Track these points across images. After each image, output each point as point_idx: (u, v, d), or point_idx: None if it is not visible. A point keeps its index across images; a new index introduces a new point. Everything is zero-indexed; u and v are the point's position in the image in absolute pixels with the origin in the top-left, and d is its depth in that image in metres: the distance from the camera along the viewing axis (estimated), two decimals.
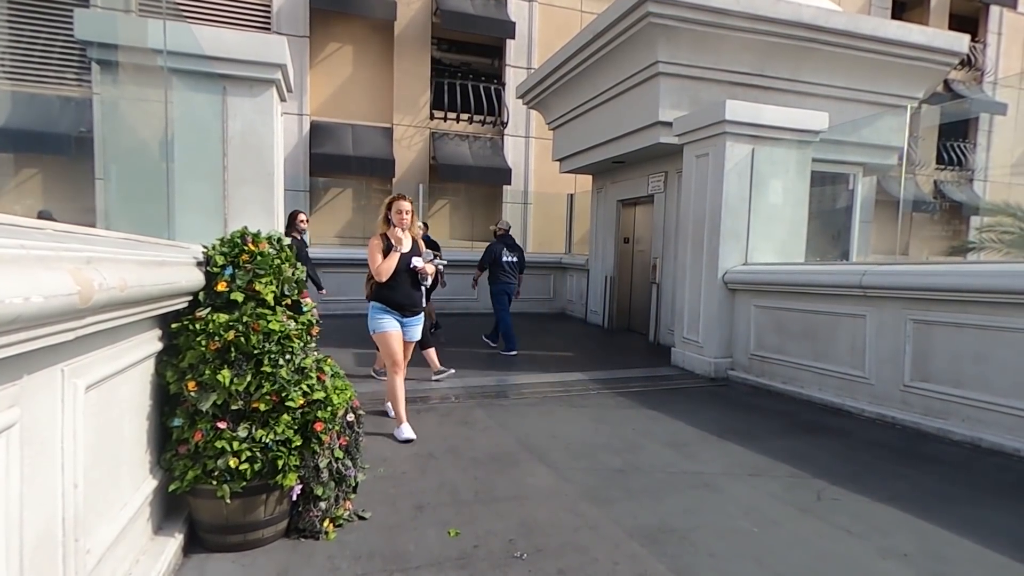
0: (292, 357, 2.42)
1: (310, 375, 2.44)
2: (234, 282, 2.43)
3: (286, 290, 2.55)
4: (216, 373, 2.25)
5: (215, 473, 2.23)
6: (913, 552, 2.50)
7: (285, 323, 2.43)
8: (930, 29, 8.11)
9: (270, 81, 4.20)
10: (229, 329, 2.30)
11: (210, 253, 2.52)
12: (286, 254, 2.62)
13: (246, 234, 2.55)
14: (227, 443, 2.23)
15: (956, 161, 17.17)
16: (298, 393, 2.37)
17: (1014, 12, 17.88)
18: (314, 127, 12.83)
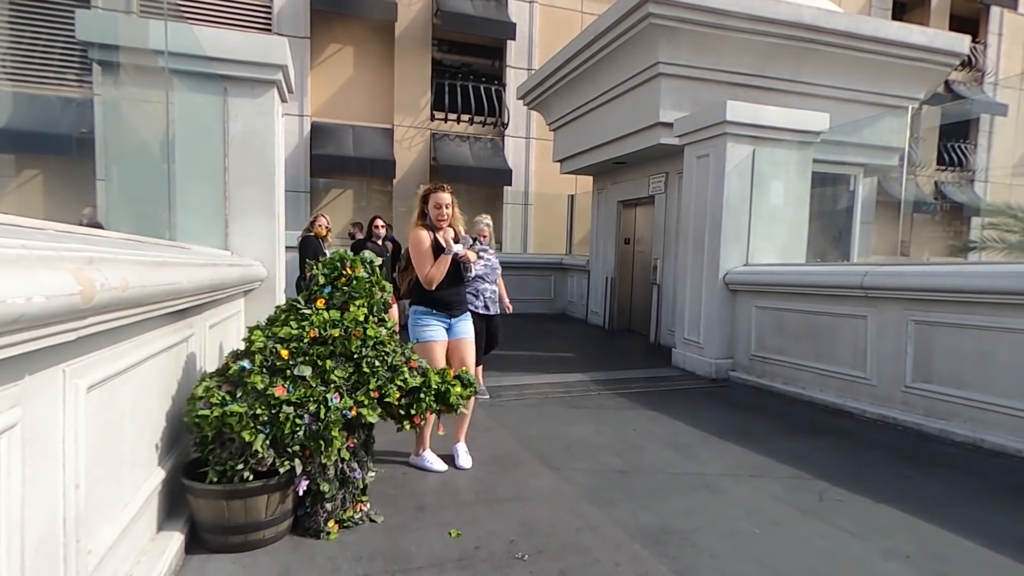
0: (386, 358, 2.69)
1: (402, 370, 2.70)
2: (331, 300, 2.74)
3: (374, 311, 2.83)
4: (317, 359, 2.52)
5: (262, 418, 2.32)
6: (915, 553, 2.50)
7: (378, 330, 2.73)
8: (931, 30, 8.12)
9: (271, 82, 4.20)
10: (335, 327, 2.60)
11: (314, 272, 2.82)
12: (377, 277, 2.88)
13: (345, 258, 2.82)
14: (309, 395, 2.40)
15: (957, 162, 17.16)
16: (393, 388, 2.63)
17: (1014, 13, 17.88)
18: (315, 128, 12.84)
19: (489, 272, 4.72)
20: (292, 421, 2.34)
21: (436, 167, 13.37)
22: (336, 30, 13.05)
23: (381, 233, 6.25)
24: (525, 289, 11.33)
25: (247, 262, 3.79)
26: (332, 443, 2.43)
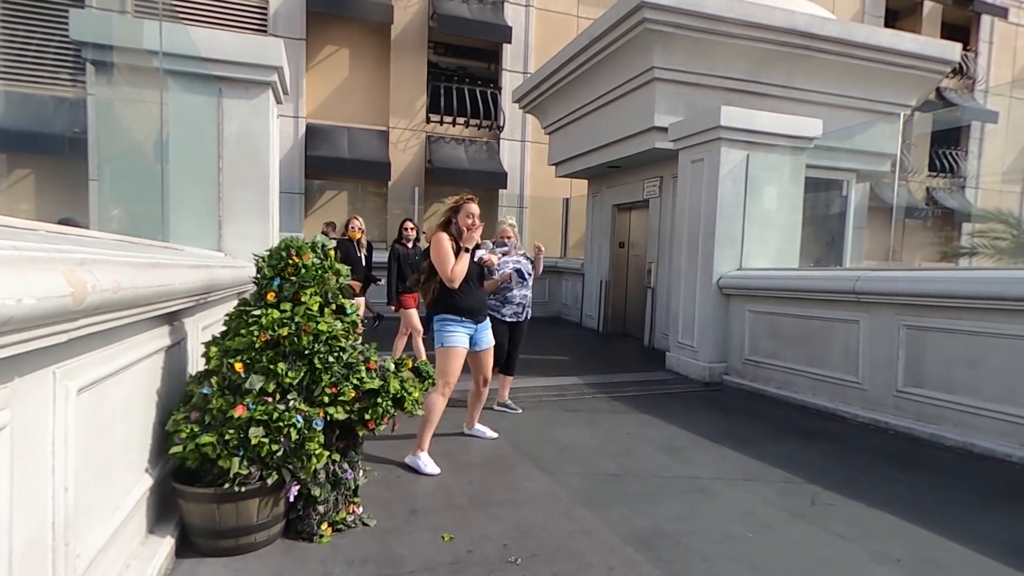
0: (340, 355, 2.55)
1: (358, 369, 2.56)
2: (281, 293, 2.57)
3: (330, 298, 2.68)
4: (271, 363, 2.41)
5: (232, 444, 2.26)
6: (906, 557, 2.51)
7: (332, 323, 2.57)
8: (922, 38, 8.20)
9: (266, 83, 4.20)
10: (283, 326, 2.45)
11: (259, 264, 2.66)
12: (330, 262, 2.73)
13: (291, 246, 2.65)
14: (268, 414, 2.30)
15: (948, 168, 17.32)
16: (348, 387, 2.51)
17: (1005, 22, 18.10)
18: (310, 129, 12.82)
19: (520, 277, 4.58)
20: (268, 446, 2.27)
21: (431, 169, 13.37)
22: (332, 32, 13.04)
23: (411, 235, 6.20)
24: None
25: (240, 263, 3.78)
26: (312, 458, 2.38)
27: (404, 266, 6.00)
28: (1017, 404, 3.71)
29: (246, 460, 2.27)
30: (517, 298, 4.57)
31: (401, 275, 5.93)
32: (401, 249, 6.14)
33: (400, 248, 6.14)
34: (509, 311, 4.56)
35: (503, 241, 4.60)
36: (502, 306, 4.56)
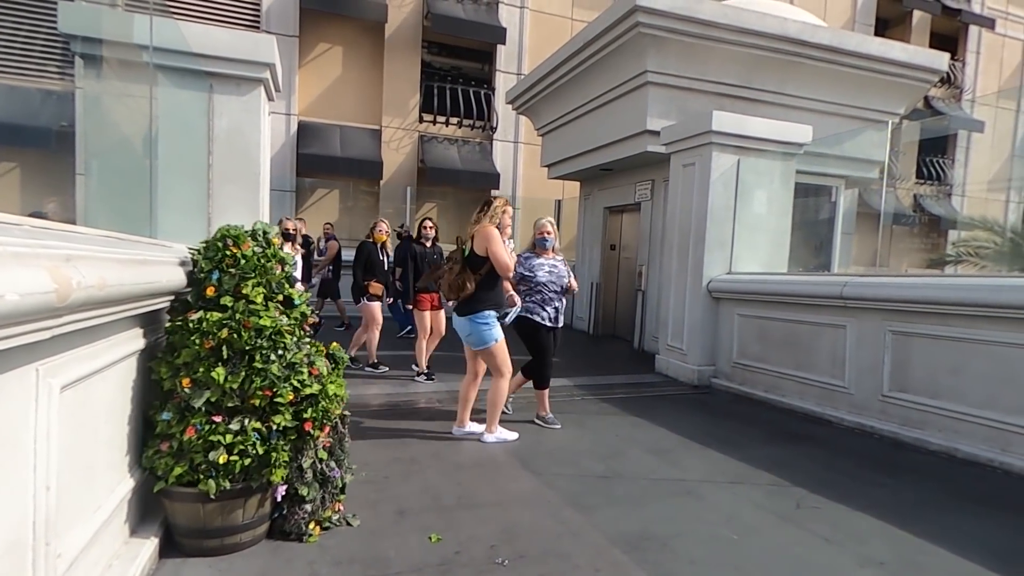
0: (284, 352, 2.40)
1: (300, 370, 2.42)
2: (221, 287, 2.40)
3: (275, 288, 2.53)
4: (210, 370, 2.24)
5: (202, 468, 2.20)
6: (889, 560, 2.53)
7: (277, 318, 2.41)
8: (911, 47, 8.31)
9: (258, 80, 4.17)
10: (223, 327, 2.29)
11: (196, 258, 2.49)
12: (272, 250, 2.56)
13: (228, 236, 2.49)
14: (220, 436, 2.21)
15: (935, 176, 17.55)
16: (287, 389, 2.35)
17: (992, 32, 18.37)
18: (302, 127, 12.75)
19: (556, 279, 4.39)
20: (239, 462, 2.22)
21: (424, 169, 13.35)
22: (325, 29, 12.98)
23: (431, 234, 6.16)
24: None
25: None
26: (280, 468, 2.33)
27: (421, 265, 5.95)
28: (999, 410, 3.76)
29: (223, 478, 2.22)
30: (557, 299, 4.38)
31: (418, 274, 5.91)
32: (418, 248, 6.07)
33: (418, 247, 6.06)
34: (549, 313, 4.35)
35: (544, 238, 4.46)
36: (540, 308, 4.34)
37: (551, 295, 4.36)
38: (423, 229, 6.15)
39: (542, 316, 4.34)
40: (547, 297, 4.34)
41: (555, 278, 4.40)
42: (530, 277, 4.36)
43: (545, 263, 4.40)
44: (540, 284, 4.35)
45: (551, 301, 4.37)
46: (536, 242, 4.51)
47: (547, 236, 4.46)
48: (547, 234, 4.46)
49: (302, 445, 2.45)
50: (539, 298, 4.34)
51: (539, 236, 4.50)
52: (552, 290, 4.36)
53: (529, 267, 4.39)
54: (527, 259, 4.45)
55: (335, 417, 2.57)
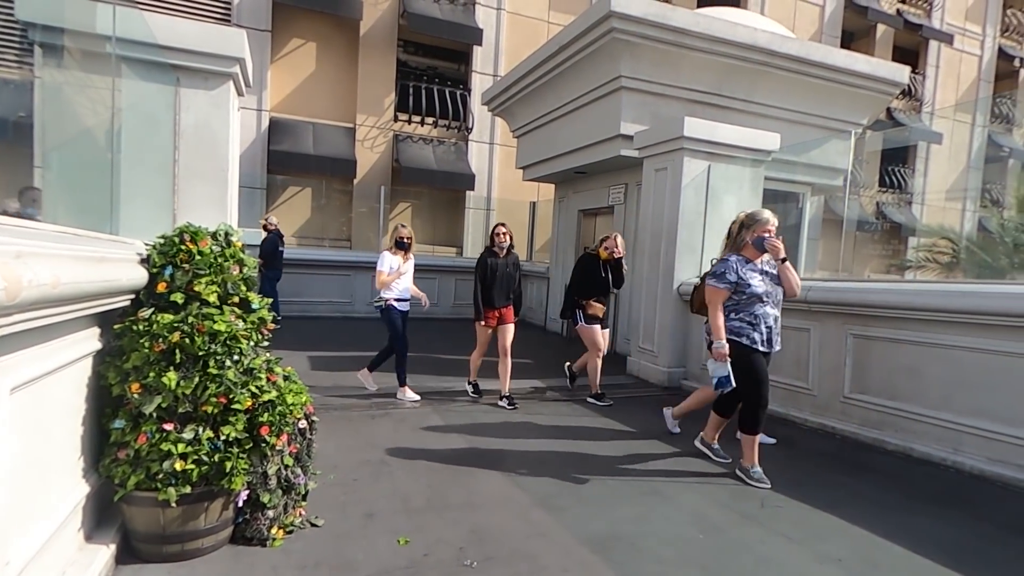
0: (240, 358, 2.32)
1: (259, 376, 2.35)
2: (173, 283, 2.34)
3: (231, 288, 2.45)
4: (161, 375, 2.16)
5: (159, 476, 2.13)
6: (847, 557, 2.61)
7: (232, 323, 2.33)
8: (874, 59, 8.58)
9: (227, 75, 4.08)
10: (174, 330, 2.22)
11: (150, 252, 2.42)
12: (231, 251, 2.50)
13: (185, 231, 2.43)
14: (172, 445, 2.14)
15: (897, 184, 18.18)
16: (245, 395, 2.28)
17: (950, 47, 19.12)
18: (273, 123, 12.53)
19: (772, 289, 3.53)
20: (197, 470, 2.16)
21: (398, 168, 13.25)
22: (299, 25, 12.79)
23: (505, 243, 5.20)
24: None
25: None
26: (239, 476, 2.26)
27: (491, 278, 5.14)
28: (953, 411, 3.91)
29: (182, 485, 2.16)
30: (772, 316, 3.52)
31: (487, 289, 5.15)
32: (491, 260, 5.16)
33: (490, 258, 5.17)
34: (762, 334, 3.48)
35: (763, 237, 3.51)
36: (751, 327, 3.48)
37: (767, 310, 3.50)
38: (496, 237, 5.21)
39: (752, 337, 3.49)
40: (761, 313, 3.48)
41: (771, 287, 3.53)
42: (743, 287, 3.47)
43: (757, 269, 3.54)
44: (754, 296, 3.47)
45: (765, 318, 3.50)
46: (754, 243, 3.54)
47: (767, 235, 3.48)
48: (769, 232, 3.49)
49: (267, 451, 2.39)
50: (749, 314, 3.49)
51: (760, 235, 3.50)
52: (770, 303, 3.52)
53: (743, 274, 3.49)
54: (738, 264, 3.51)
55: (294, 423, 2.51)
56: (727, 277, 3.48)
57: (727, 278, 3.47)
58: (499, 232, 5.22)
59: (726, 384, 3.40)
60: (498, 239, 5.20)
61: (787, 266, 3.57)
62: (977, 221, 16.15)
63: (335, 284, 10.46)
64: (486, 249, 5.30)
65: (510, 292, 5.29)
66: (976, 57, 19.82)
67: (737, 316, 3.51)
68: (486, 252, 5.25)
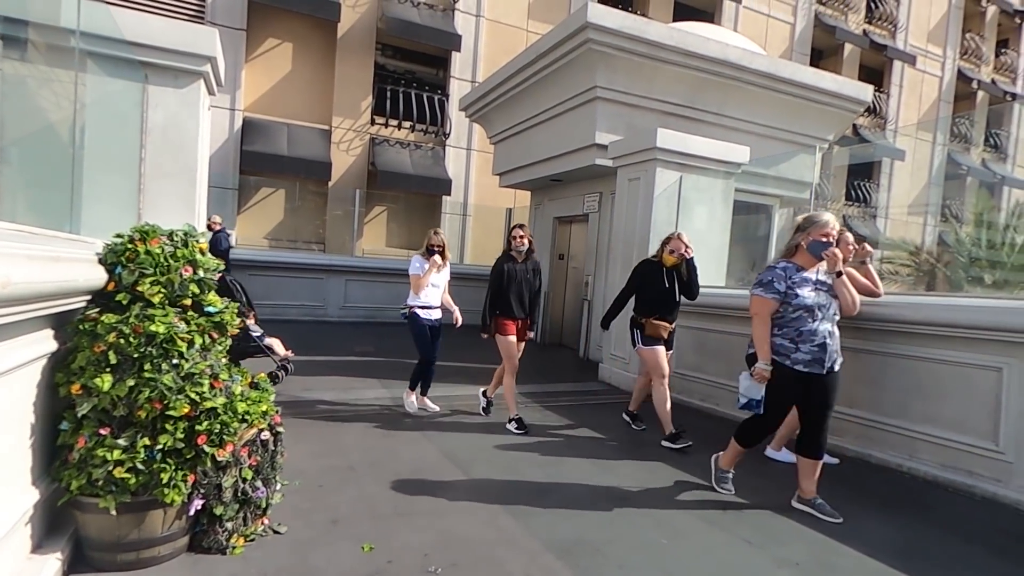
0: (180, 362, 2.24)
1: (200, 382, 2.26)
2: (120, 282, 2.29)
3: (179, 290, 2.37)
4: (96, 376, 2.10)
5: (99, 483, 2.07)
6: (804, 561, 2.68)
7: (173, 325, 2.26)
8: (840, 78, 8.87)
9: (198, 73, 4.02)
10: (112, 331, 2.16)
11: (103, 252, 2.38)
12: (184, 252, 2.43)
13: (137, 230, 2.39)
14: (108, 451, 2.07)
15: (862, 198, 18.77)
16: (182, 401, 2.19)
17: (913, 68, 19.87)
18: (247, 123, 12.35)
19: (827, 301, 3.10)
20: (135, 479, 2.09)
21: (374, 172, 13.17)
22: (274, 25, 12.66)
23: (523, 246, 4.70)
24: (460, 299, 11.20)
25: None
26: (173, 490, 2.16)
27: (508, 285, 4.60)
28: (908, 419, 4.05)
29: (121, 494, 2.10)
30: (826, 333, 3.05)
31: (502, 295, 4.60)
32: (510, 266, 4.63)
33: (509, 266, 4.63)
34: (803, 354, 3.04)
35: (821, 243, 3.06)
36: (793, 348, 3.05)
37: (818, 326, 3.03)
38: (513, 240, 4.68)
39: (794, 358, 3.04)
40: (808, 330, 3.02)
41: (826, 299, 3.07)
42: (791, 298, 3.04)
43: (810, 279, 3.09)
44: (802, 309, 3.02)
45: (813, 336, 3.02)
46: (809, 248, 3.09)
47: (827, 239, 3.05)
48: (828, 236, 3.05)
49: (206, 462, 2.27)
50: (794, 330, 3.05)
51: (817, 239, 3.05)
52: (823, 318, 3.04)
53: (792, 283, 3.06)
54: (787, 271, 3.09)
55: (257, 434, 2.44)
56: (774, 286, 3.05)
57: (774, 287, 3.05)
58: (517, 235, 4.67)
59: (755, 408, 3.08)
60: (516, 242, 4.66)
61: (844, 280, 3.15)
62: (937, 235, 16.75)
63: (307, 288, 10.32)
64: (503, 254, 4.72)
65: (529, 301, 4.75)
66: (937, 78, 20.63)
67: (780, 332, 3.08)
68: (503, 257, 4.69)
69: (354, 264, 10.91)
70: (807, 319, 3.02)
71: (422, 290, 4.78)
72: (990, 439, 3.62)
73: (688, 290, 4.55)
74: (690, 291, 4.55)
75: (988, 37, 21.68)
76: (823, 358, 3.04)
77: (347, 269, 10.73)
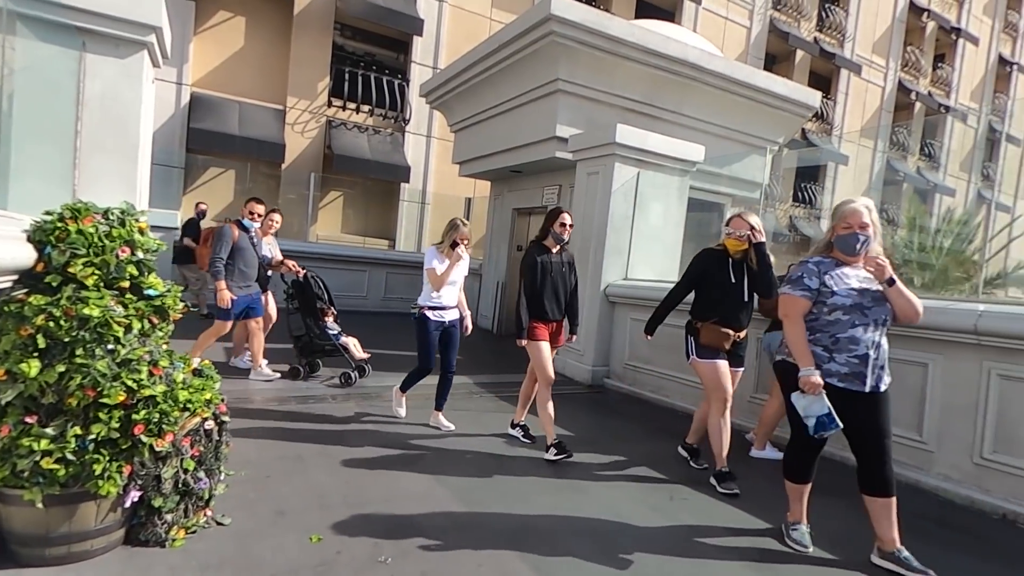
0: (116, 347, 2.14)
1: (138, 368, 2.17)
2: (51, 263, 2.16)
3: (115, 271, 2.25)
4: (22, 361, 1.98)
5: (24, 474, 1.96)
6: (744, 546, 2.80)
7: (109, 308, 2.15)
8: (791, 83, 9.19)
9: (141, 43, 3.81)
10: (40, 313, 2.04)
11: (31, 230, 2.24)
12: (120, 231, 2.30)
13: (69, 208, 2.25)
14: (34, 440, 1.96)
15: (808, 200, 19.58)
16: (117, 389, 2.09)
17: (859, 77, 20.79)
18: (195, 99, 11.79)
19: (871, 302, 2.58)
20: (65, 470, 1.98)
21: (330, 156, 12.84)
22: None
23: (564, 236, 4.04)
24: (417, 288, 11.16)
25: None
26: (108, 481, 2.06)
27: (543, 281, 3.95)
28: None
29: (49, 486, 1.99)
30: (867, 341, 2.55)
31: (536, 293, 3.94)
32: (545, 258, 3.96)
33: (544, 258, 3.95)
34: (839, 365, 2.57)
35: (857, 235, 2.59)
36: (827, 356, 2.60)
37: (858, 333, 2.55)
38: (560, 227, 3.97)
39: (827, 369, 2.59)
40: (847, 336, 2.56)
41: (869, 301, 2.57)
42: (825, 296, 2.61)
43: (852, 275, 2.63)
44: (840, 310, 2.57)
45: (853, 344, 2.55)
46: (836, 243, 2.68)
47: (862, 232, 2.59)
48: (863, 228, 2.58)
49: (144, 453, 2.18)
50: (828, 336, 2.60)
51: (846, 230, 2.62)
52: (862, 322, 2.55)
53: (828, 279, 2.62)
54: (821, 267, 2.66)
55: (184, 424, 2.32)
56: (804, 282, 2.63)
57: (804, 283, 2.63)
58: (565, 220, 3.97)
59: (830, 425, 2.51)
60: (561, 229, 3.95)
61: (899, 288, 2.57)
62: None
63: None
64: (535, 244, 4.03)
65: (567, 301, 4.08)
66: (880, 88, 21.68)
67: (812, 338, 2.63)
68: (535, 248, 4.00)
69: (309, 250, 10.62)
70: (846, 323, 2.54)
71: (442, 287, 4.18)
72: (915, 430, 3.87)
73: (761, 285, 3.60)
74: (764, 286, 3.59)
75: (927, 51, 22.91)
76: (864, 373, 2.53)
77: (300, 255, 10.42)
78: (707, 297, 3.67)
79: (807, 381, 2.54)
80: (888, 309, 2.58)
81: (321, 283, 5.73)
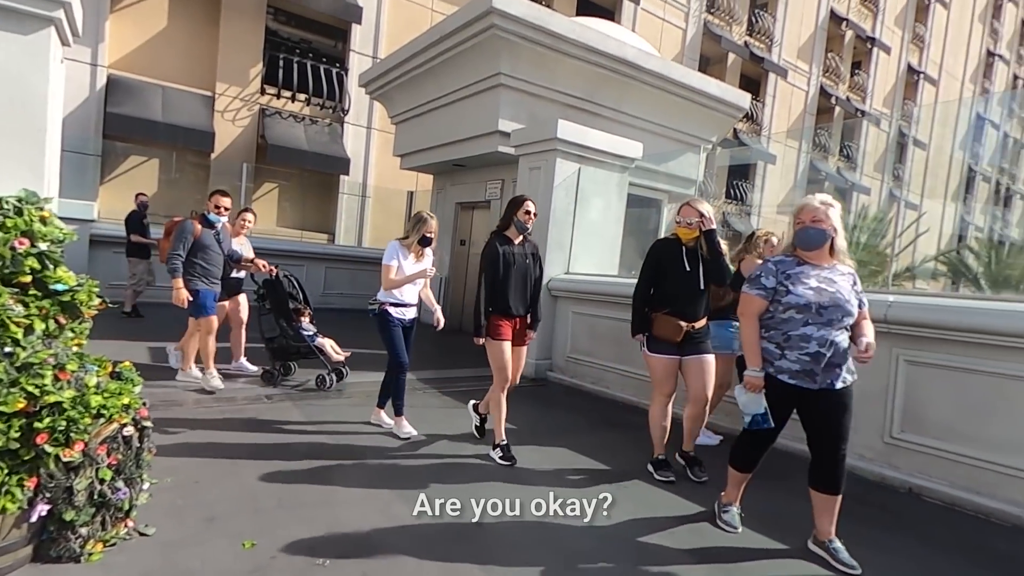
0: (15, 350, 1.97)
1: (41, 373, 1.99)
2: None
3: (11, 265, 2.07)
4: None
5: None
6: (680, 531, 2.92)
7: (6, 307, 1.97)
8: (724, 84, 9.59)
9: (47, 19, 3.51)
10: None
11: None
12: (15, 222, 2.11)
13: None
14: None
15: (739, 197, 20.52)
16: (16, 395, 1.93)
17: (785, 81, 21.93)
18: (112, 82, 11.00)
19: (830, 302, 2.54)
20: None
21: (264, 146, 12.30)
22: None
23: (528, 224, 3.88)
24: (357, 284, 10.93)
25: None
26: (5, 497, 1.91)
27: (506, 274, 3.71)
28: None
29: None
30: (815, 341, 2.53)
31: (498, 286, 3.71)
32: (507, 249, 3.73)
33: (507, 248, 3.73)
34: (797, 364, 2.57)
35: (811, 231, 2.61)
36: (778, 353, 2.63)
37: (813, 331, 2.54)
38: (524, 216, 3.76)
39: (778, 366, 2.63)
40: (799, 334, 2.56)
41: (827, 300, 2.54)
42: (781, 295, 2.61)
43: (812, 274, 2.60)
44: (794, 309, 2.57)
45: (806, 342, 2.55)
46: (795, 239, 2.67)
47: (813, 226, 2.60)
48: (814, 222, 2.59)
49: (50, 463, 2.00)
50: (781, 333, 2.61)
51: (799, 225, 2.64)
52: (816, 321, 2.53)
53: (786, 278, 2.62)
54: (781, 265, 2.67)
55: (99, 432, 2.16)
56: (761, 281, 2.66)
57: (761, 283, 2.65)
58: (529, 208, 3.76)
59: (763, 423, 2.62)
60: (526, 218, 3.74)
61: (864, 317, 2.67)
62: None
63: None
64: (496, 234, 3.82)
65: (531, 295, 3.85)
66: (804, 92, 22.94)
67: (767, 334, 2.67)
68: (497, 238, 3.77)
69: None
70: (799, 322, 2.56)
71: (403, 286, 4.02)
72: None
73: (713, 273, 3.55)
74: (716, 273, 3.55)
75: (845, 58, 24.43)
76: (814, 370, 2.54)
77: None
78: (661, 287, 3.59)
79: (750, 380, 2.65)
80: (847, 309, 2.55)
81: (295, 282, 5.50)
